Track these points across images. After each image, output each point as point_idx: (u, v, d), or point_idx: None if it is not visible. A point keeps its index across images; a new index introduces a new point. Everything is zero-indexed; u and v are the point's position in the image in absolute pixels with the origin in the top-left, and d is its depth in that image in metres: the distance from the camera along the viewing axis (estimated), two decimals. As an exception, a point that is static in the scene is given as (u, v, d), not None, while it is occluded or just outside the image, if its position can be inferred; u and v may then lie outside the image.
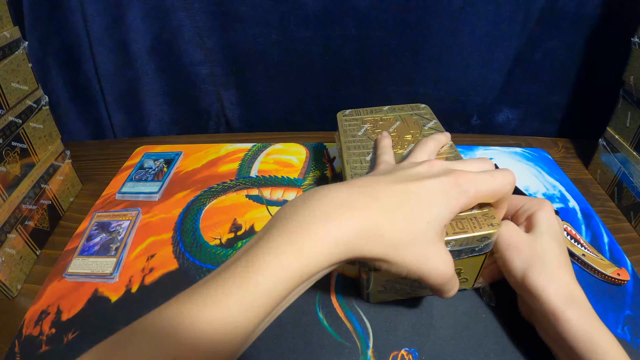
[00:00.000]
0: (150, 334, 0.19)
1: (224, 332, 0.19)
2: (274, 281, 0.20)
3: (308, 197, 0.24)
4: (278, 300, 0.21)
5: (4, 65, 0.39)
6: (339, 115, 0.45)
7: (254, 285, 0.20)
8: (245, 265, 0.21)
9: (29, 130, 0.43)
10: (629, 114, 0.47)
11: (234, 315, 0.19)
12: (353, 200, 0.23)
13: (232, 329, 0.19)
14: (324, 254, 0.21)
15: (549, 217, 0.31)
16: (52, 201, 0.48)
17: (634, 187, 0.46)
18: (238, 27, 0.57)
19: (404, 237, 0.23)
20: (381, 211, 0.23)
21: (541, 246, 0.30)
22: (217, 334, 0.19)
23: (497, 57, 0.58)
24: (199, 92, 0.65)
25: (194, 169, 0.54)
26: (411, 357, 0.32)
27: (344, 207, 0.23)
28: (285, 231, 0.22)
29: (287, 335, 0.34)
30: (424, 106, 0.45)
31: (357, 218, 0.22)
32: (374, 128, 0.42)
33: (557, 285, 0.28)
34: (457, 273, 0.31)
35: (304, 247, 0.21)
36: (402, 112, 0.44)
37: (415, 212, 0.24)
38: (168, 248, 0.42)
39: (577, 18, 0.54)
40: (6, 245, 0.39)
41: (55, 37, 0.57)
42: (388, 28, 0.57)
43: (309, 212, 0.22)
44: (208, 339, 0.19)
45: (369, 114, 0.45)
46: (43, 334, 0.34)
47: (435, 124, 0.42)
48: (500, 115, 0.66)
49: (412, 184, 0.25)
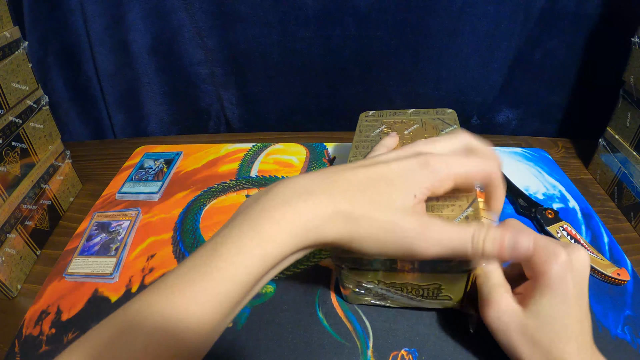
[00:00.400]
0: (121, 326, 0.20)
1: (191, 320, 0.20)
2: (237, 267, 0.21)
3: (271, 186, 0.24)
4: (243, 287, 0.21)
5: (4, 65, 0.39)
6: (361, 115, 0.44)
7: (216, 272, 0.20)
8: (209, 253, 0.21)
9: (29, 130, 0.43)
10: (629, 114, 0.47)
11: (199, 303, 0.20)
12: (313, 186, 0.24)
13: (198, 317, 0.20)
14: (284, 239, 0.22)
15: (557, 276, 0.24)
16: (52, 201, 0.48)
17: (634, 187, 0.46)
18: (238, 27, 0.57)
19: (365, 212, 0.23)
20: (340, 193, 0.23)
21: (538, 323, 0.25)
22: (184, 322, 0.19)
23: (497, 57, 0.58)
24: (199, 92, 0.65)
25: (194, 169, 0.54)
26: (411, 357, 0.32)
27: (303, 193, 0.23)
28: (246, 218, 0.22)
29: (287, 335, 0.34)
30: (450, 111, 0.43)
31: (315, 202, 0.23)
32: (389, 129, 0.41)
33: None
34: (436, 288, 0.31)
35: (263, 232, 0.21)
36: (426, 115, 0.43)
37: (377, 189, 0.24)
38: (168, 248, 0.42)
39: (577, 18, 0.54)
40: (6, 245, 0.39)
41: (55, 37, 0.57)
42: (388, 28, 0.56)
43: (269, 199, 0.23)
44: (176, 328, 0.19)
45: (391, 116, 0.44)
46: (43, 334, 0.34)
47: (454, 129, 0.39)
48: (500, 115, 0.66)
49: (376, 167, 0.25)
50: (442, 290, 0.31)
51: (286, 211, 0.22)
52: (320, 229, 0.23)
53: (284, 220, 0.22)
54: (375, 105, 0.47)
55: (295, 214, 0.22)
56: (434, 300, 0.33)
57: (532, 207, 0.45)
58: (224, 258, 0.21)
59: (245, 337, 0.34)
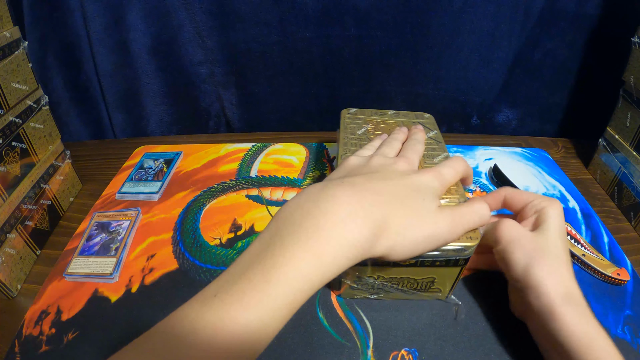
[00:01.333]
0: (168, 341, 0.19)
1: (243, 345, 0.19)
2: (294, 292, 0.20)
3: (316, 198, 0.24)
4: (297, 307, 0.21)
5: (4, 65, 0.39)
6: (343, 112, 0.45)
7: (273, 300, 0.20)
8: (262, 276, 0.20)
9: (29, 130, 0.43)
10: (629, 114, 0.47)
11: (252, 330, 0.19)
12: (361, 201, 0.24)
13: (251, 342, 0.19)
14: (342, 258, 0.22)
15: (558, 215, 0.32)
16: (52, 201, 0.48)
17: (634, 187, 0.46)
18: (238, 27, 0.57)
19: (409, 220, 0.25)
20: (385, 204, 0.25)
21: (545, 241, 0.30)
22: (236, 347, 0.19)
23: (497, 57, 0.58)
24: (199, 92, 0.65)
25: (193, 169, 0.54)
26: (411, 357, 0.32)
27: (356, 209, 0.23)
28: (301, 237, 0.21)
29: (287, 335, 0.34)
30: (428, 116, 0.45)
31: (370, 218, 0.23)
32: (375, 130, 0.42)
33: (556, 280, 0.28)
34: (430, 282, 0.33)
35: (323, 254, 0.21)
36: (406, 118, 0.45)
37: (410, 198, 0.27)
38: (168, 248, 0.42)
39: (577, 18, 0.54)
40: (6, 245, 0.39)
41: (55, 37, 0.57)
42: (388, 28, 0.56)
43: (322, 215, 0.22)
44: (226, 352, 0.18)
45: (373, 115, 0.45)
46: (43, 334, 0.34)
47: (435, 134, 0.41)
48: (500, 115, 0.66)
49: (398, 179, 0.28)
50: (435, 283, 0.33)
51: (344, 231, 0.22)
52: (373, 244, 0.23)
53: (344, 241, 0.21)
54: (375, 105, 0.47)
55: (352, 233, 0.22)
56: (425, 293, 0.35)
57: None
58: (282, 284, 0.20)
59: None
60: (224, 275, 0.21)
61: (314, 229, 0.22)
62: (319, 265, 0.21)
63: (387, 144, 0.36)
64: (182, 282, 0.38)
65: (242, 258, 0.22)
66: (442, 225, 0.27)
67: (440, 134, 0.42)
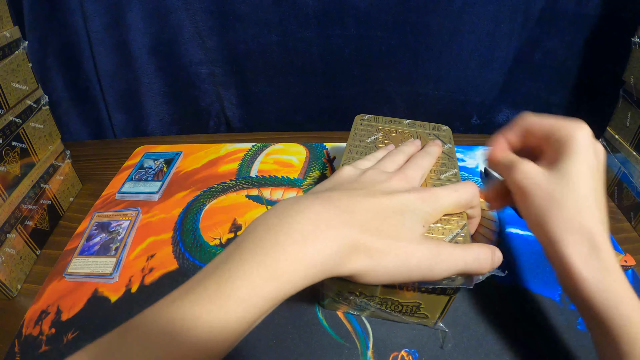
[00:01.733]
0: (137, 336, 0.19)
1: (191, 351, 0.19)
2: (246, 307, 0.20)
3: (282, 212, 0.23)
4: (250, 323, 0.20)
5: (4, 65, 0.39)
6: (357, 118, 0.43)
7: (224, 313, 0.19)
8: (216, 287, 0.20)
9: (29, 130, 0.43)
10: (629, 114, 0.47)
11: (203, 341, 0.19)
12: (329, 218, 0.22)
13: (201, 353, 0.19)
14: (299, 277, 0.21)
15: (583, 142, 0.26)
16: (52, 201, 0.48)
17: (634, 187, 0.46)
18: (238, 27, 0.57)
19: (382, 245, 0.23)
20: (357, 225, 0.23)
21: (563, 183, 0.25)
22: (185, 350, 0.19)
23: (497, 57, 0.58)
24: (199, 92, 0.65)
25: (193, 169, 0.54)
26: (411, 358, 0.32)
27: (320, 226, 0.22)
28: (259, 252, 0.21)
29: (287, 336, 0.34)
30: (446, 128, 0.42)
31: (335, 237, 0.22)
32: (385, 139, 0.40)
33: (575, 238, 0.24)
34: (416, 306, 0.32)
35: (279, 271, 0.20)
36: (421, 129, 0.42)
37: (389, 221, 0.24)
38: (168, 248, 0.42)
39: (577, 18, 0.54)
40: (6, 245, 0.39)
41: (55, 37, 0.57)
42: (388, 28, 0.56)
43: (284, 232, 0.21)
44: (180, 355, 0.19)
45: (387, 123, 0.43)
46: (43, 334, 0.34)
47: (449, 148, 0.38)
48: (500, 115, 0.66)
49: (383, 198, 0.25)
50: (421, 309, 0.32)
51: (304, 249, 0.21)
52: (337, 265, 0.22)
53: (303, 259, 0.21)
54: (375, 105, 0.47)
55: (313, 251, 0.21)
56: (411, 317, 0.33)
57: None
58: (234, 298, 0.19)
59: (245, 337, 0.34)
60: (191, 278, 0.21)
61: (272, 245, 0.21)
62: (274, 282, 0.20)
63: (390, 157, 0.33)
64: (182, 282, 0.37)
65: (208, 265, 0.22)
66: (420, 257, 0.24)
67: (454, 148, 0.39)
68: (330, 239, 0.22)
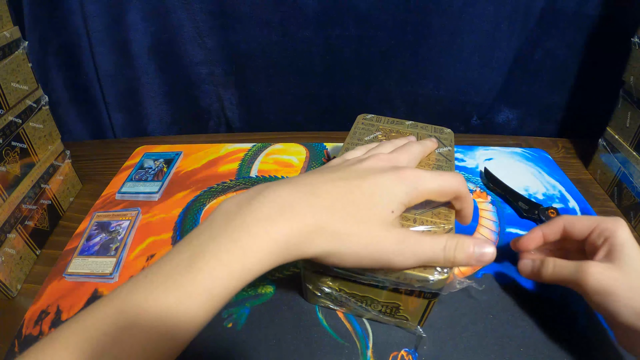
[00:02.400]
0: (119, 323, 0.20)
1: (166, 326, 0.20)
2: (214, 281, 0.20)
3: (252, 196, 0.24)
4: (219, 300, 0.21)
5: (4, 65, 0.39)
6: (359, 117, 0.44)
7: (192, 285, 0.20)
8: (188, 262, 0.21)
9: (29, 130, 0.43)
10: (629, 114, 0.47)
11: (172, 314, 0.20)
12: (294, 201, 0.23)
13: (170, 325, 0.20)
14: (264, 256, 0.22)
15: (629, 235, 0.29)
16: (52, 201, 0.48)
17: (634, 187, 0.46)
18: (238, 27, 0.57)
19: (347, 229, 0.24)
20: (321, 208, 0.24)
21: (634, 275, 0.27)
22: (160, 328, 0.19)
23: (497, 57, 0.58)
24: (199, 92, 0.65)
25: (193, 169, 0.54)
26: (411, 358, 0.32)
27: (285, 208, 0.23)
28: (228, 230, 0.22)
29: (287, 336, 0.34)
30: (448, 131, 0.42)
31: (298, 218, 0.23)
32: (384, 138, 0.40)
33: None
34: (395, 307, 0.32)
35: (246, 248, 0.21)
36: (423, 130, 0.41)
37: (357, 203, 0.24)
38: (168, 248, 0.42)
39: (577, 18, 0.54)
40: (6, 245, 0.39)
41: (55, 37, 0.57)
42: (388, 28, 0.56)
43: (251, 212, 0.23)
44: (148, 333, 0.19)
45: (388, 123, 0.43)
46: (43, 334, 0.34)
47: (448, 151, 0.38)
48: (500, 115, 0.66)
49: (355, 180, 0.25)
50: (401, 311, 0.32)
51: (268, 228, 0.22)
52: (301, 245, 0.23)
53: (266, 237, 0.22)
54: (375, 105, 0.47)
55: (277, 231, 0.22)
56: (391, 318, 0.33)
57: (534, 209, 0.45)
58: (203, 272, 0.20)
59: (245, 337, 0.34)
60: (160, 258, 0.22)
61: (241, 223, 0.22)
62: (242, 258, 0.21)
63: (380, 146, 0.33)
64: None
65: (178, 244, 0.23)
66: (387, 241, 0.24)
67: (454, 152, 0.38)
68: (292, 219, 0.23)
